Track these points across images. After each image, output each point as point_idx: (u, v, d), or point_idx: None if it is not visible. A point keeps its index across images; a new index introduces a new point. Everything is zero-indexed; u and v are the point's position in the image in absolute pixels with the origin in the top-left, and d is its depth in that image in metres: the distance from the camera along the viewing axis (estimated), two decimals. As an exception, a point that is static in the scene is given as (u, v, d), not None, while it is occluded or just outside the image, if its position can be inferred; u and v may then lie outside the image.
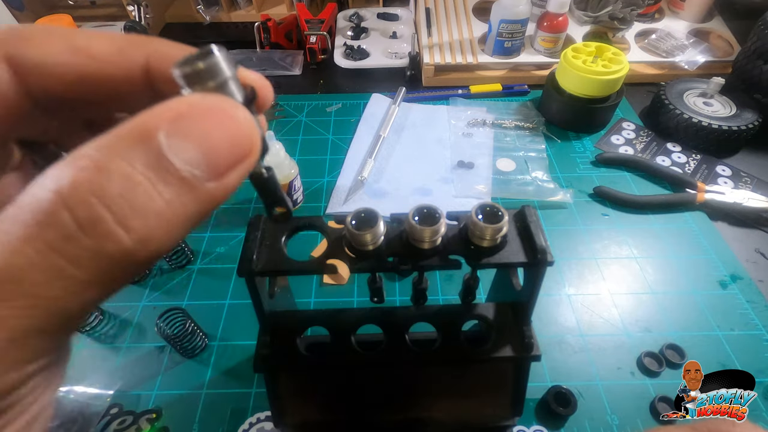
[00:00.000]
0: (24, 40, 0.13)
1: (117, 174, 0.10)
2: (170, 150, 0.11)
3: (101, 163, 0.10)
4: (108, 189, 0.10)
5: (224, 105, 0.12)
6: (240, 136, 0.12)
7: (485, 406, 0.33)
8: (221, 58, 0.13)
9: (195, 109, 0.11)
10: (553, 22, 0.69)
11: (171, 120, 0.11)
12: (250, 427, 0.37)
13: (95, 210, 0.10)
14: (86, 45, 0.13)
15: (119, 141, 0.10)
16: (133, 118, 0.11)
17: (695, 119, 0.59)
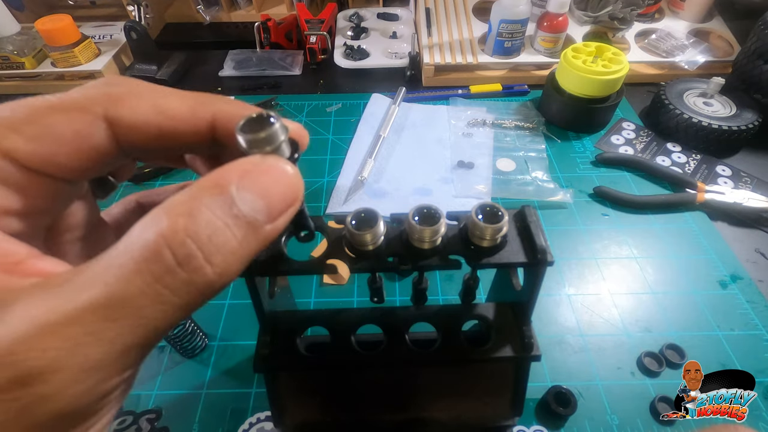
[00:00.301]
0: (119, 101, 0.16)
1: (204, 220, 0.13)
2: (240, 200, 0.14)
3: (192, 211, 0.13)
4: (198, 232, 0.13)
5: (278, 164, 0.15)
6: (290, 188, 0.15)
7: (485, 406, 0.33)
8: (278, 127, 0.16)
9: (257, 168, 0.14)
10: (553, 22, 0.69)
11: (239, 176, 0.14)
12: (250, 427, 0.37)
13: (190, 249, 0.13)
14: (166, 107, 0.16)
15: (203, 193, 0.13)
16: (211, 174, 0.14)
17: (695, 119, 0.59)
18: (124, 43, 0.77)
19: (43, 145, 0.15)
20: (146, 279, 0.12)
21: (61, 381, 0.12)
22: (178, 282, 0.13)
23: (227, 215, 0.13)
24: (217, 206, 0.13)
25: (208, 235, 0.13)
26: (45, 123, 0.15)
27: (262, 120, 0.15)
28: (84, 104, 0.15)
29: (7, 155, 0.14)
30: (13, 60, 0.72)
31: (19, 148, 0.14)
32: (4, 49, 0.72)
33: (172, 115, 0.16)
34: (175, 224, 0.13)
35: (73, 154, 0.15)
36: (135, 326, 0.12)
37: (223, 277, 0.14)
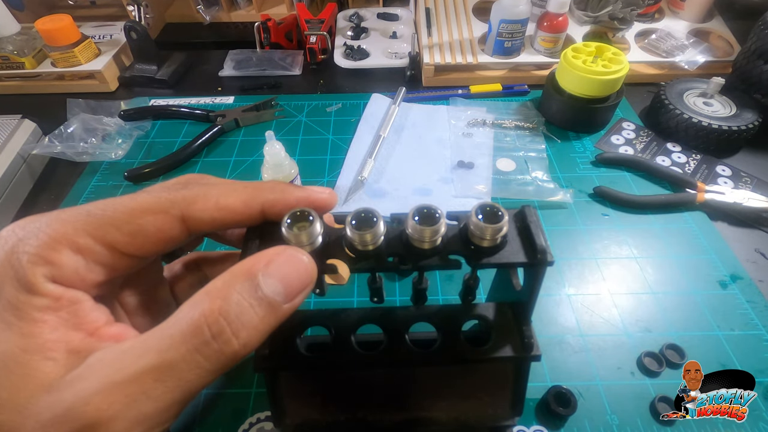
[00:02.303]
0: (192, 204, 0.20)
1: (234, 302, 0.17)
2: (264, 284, 0.18)
3: (225, 295, 0.17)
4: (229, 312, 0.17)
5: (296, 254, 0.19)
6: (305, 274, 0.19)
7: (485, 406, 0.33)
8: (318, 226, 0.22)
9: (279, 257, 0.19)
10: (553, 22, 0.69)
11: (265, 264, 0.18)
12: (250, 427, 0.37)
13: (222, 325, 0.16)
14: (225, 204, 0.21)
15: (236, 279, 0.17)
16: (244, 262, 0.18)
17: (695, 119, 0.59)
18: (124, 43, 0.77)
19: (135, 239, 0.19)
20: (188, 348, 0.16)
21: (120, 428, 0.15)
22: (211, 351, 0.16)
23: (253, 297, 0.17)
24: (245, 290, 0.17)
25: (237, 314, 0.17)
26: (138, 223, 0.19)
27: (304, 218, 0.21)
28: (167, 207, 0.20)
29: (109, 246, 0.19)
30: (13, 60, 0.72)
31: (118, 241, 0.19)
32: (4, 49, 0.72)
33: (230, 210, 0.21)
34: (212, 305, 0.16)
35: (155, 244, 0.20)
36: (177, 387, 0.16)
37: (246, 348, 0.17)
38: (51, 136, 0.62)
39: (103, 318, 0.19)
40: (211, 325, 0.16)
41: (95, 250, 0.18)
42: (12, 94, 0.75)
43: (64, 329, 0.17)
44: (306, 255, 0.19)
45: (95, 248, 0.18)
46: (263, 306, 0.17)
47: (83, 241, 0.18)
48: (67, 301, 0.18)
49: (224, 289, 0.17)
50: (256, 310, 0.17)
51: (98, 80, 0.74)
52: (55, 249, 0.18)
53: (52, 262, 0.17)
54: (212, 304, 0.16)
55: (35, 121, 0.64)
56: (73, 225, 0.18)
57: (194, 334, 0.16)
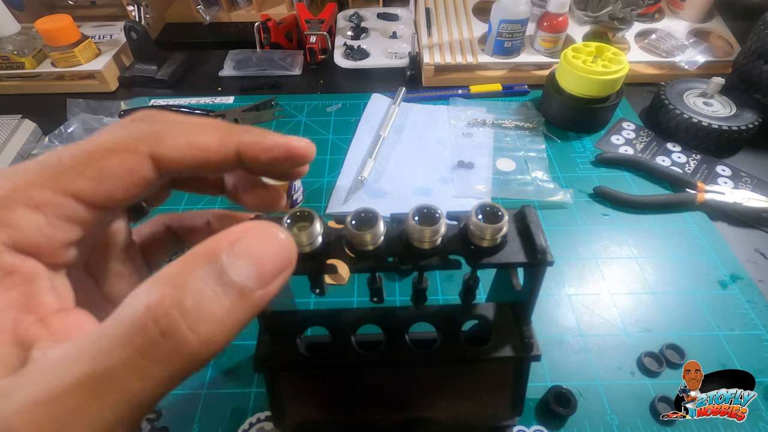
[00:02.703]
0: (160, 140, 0.18)
1: (192, 289, 0.13)
2: (230, 267, 0.14)
3: (180, 282, 0.13)
4: (184, 302, 0.13)
5: (269, 229, 0.15)
6: (282, 253, 0.15)
7: (485, 406, 0.33)
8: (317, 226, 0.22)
9: (248, 235, 0.15)
10: (553, 22, 0.69)
11: (230, 244, 0.14)
12: (250, 427, 0.37)
13: (174, 319, 0.12)
14: (198, 141, 0.19)
15: (194, 262, 0.14)
16: (204, 243, 0.14)
17: (695, 119, 0.59)
18: (124, 43, 0.77)
19: (102, 185, 0.16)
20: (128, 352, 0.12)
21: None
22: (160, 353, 0.12)
23: (216, 283, 0.13)
24: (206, 275, 0.13)
25: (194, 304, 0.13)
26: (103, 165, 0.16)
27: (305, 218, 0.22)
28: (133, 145, 0.17)
29: (75, 196, 0.16)
30: (13, 60, 0.72)
31: (84, 189, 0.16)
32: (4, 49, 0.72)
33: (204, 148, 0.19)
34: (162, 296, 0.13)
35: (125, 188, 0.17)
36: (117, 401, 0.12)
37: (209, 346, 0.13)
38: (51, 136, 0.62)
39: (55, 302, 0.15)
40: (158, 319, 0.12)
41: (57, 203, 0.16)
42: (12, 94, 0.75)
43: (14, 312, 0.14)
44: (282, 231, 0.15)
45: (57, 200, 0.16)
46: (230, 294, 0.14)
47: (40, 195, 0.15)
48: (21, 276, 0.15)
49: (179, 275, 0.13)
50: (221, 298, 0.13)
51: (98, 80, 0.74)
52: (9, 207, 0.15)
53: (8, 223, 0.15)
54: (160, 293, 0.13)
55: (35, 121, 0.64)
56: (24, 178, 0.15)
57: (137, 332, 0.12)
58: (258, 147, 0.20)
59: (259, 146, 0.20)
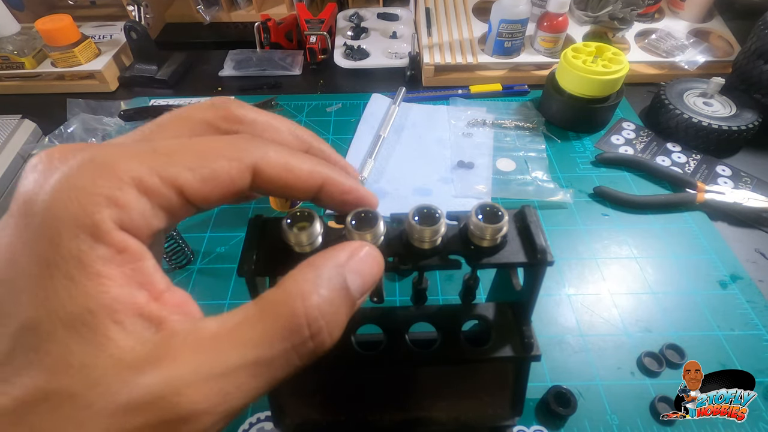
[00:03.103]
0: (264, 156, 0.18)
1: (328, 302, 0.16)
2: (350, 282, 0.17)
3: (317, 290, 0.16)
4: (326, 313, 0.16)
5: (373, 251, 0.19)
6: (378, 270, 0.19)
7: (485, 406, 0.33)
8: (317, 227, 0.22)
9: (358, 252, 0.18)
10: (553, 22, 0.69)
11: (349, 258, 0.18)
12: (250, 427, 0.37)
13: (320, 325, 0.16)
14: (293, 166, 0.19)
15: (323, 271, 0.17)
16: (330, 255, 0.18)
17: (695, 119, 0.59)
18: (124, 43, 0.77)
19: (207, 185, 0.17)
20: (287, 346, 0.15)
21: (207, 423, 0.14)
22: (306, 350, 0.16)
23: (342, 294, 0.17)
24: (334, 284, 0.17)
25: (332, 312, 0.16)
26: (213, 167, 0.17)
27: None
28: (241, 155, 0.18)
29: (178, 189, 0.16)
30: (13, 60, 0.72)
31: (190, 185, 0.16)
32: (4, 49, 0.72)
33: (297, 174, 0.20)
34: (310, 302, 0.16)
35: (222, 193, 0.18)
36: (268, 382, 0.15)
37: (333, 343, 0.17)
38: (51, 136, 0.62)
39: (164, 282, 0.16)
40: (311, 323, 0.16)
41: (163, 192, 0.16)
42: (12, 94, 0.75)
43: (130, 288, 0.15)
44: (379, 253, 0.19)
45: (163, 189, 0.16)
46: (348, 303, 0.17)
47: (151, 181, 0.15)
48: (131, 255, 0.15)
49: (315, 281, 0.16)
50: (344, 308, 0.17)
51: (98, 80, 0.74)
52: (121, 188, 0.15)
53: (120, 203, 0.15)
54: (310, 301, 0.16)
55: (35, 121, 0.64)
56: (140, 160, 0.15)
57: (295, 331, 0.15)
58: (338, 187, 0.21)
59: (339, 187, 0.21)
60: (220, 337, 0.15)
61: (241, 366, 0.15)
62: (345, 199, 0.21)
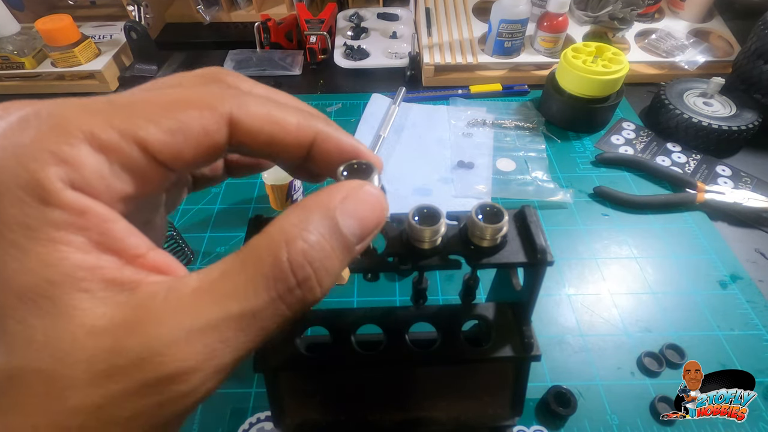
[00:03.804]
0: (242, 104, 0.16)
1: (317, 246, 0.14)
2: (343, 224, 0.15)
3: (304, 235, 0.14)
4: (314, 258, 0.14)
5: (373, 191, 0.17)
6: (380, 213, 0.17)
7: (485, 406, 0.33)
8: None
9: (356, 193, 0.16)
10: (553, 22, 0.69)
11: (342, 200, 0.15)
12: (250, 427, 0.37)
13: (308, 272, 0.14)
14: (278, 118, 0.17)
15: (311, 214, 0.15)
16: (319, 197, 0.16)
17: (695, 119, 0.59)
18: (124, 43, 0.77)
19: (174, 139, 0.15)
20: (272, 296, 0.14)
21: (196, 381, 0.13)
22: (294, 299, 0.14)
23: (333, 239, 0.15)
24: (324, 229, 0.15)
25: (321, 259, 0.15)
26: (180, 117, 0.15)
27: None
28: (214, 103, 0.16)
29: (141, 144, 0.14)
30: (13, 60, 0.72)
31: (154, 139, 0.14)
32: (4, 49, 0.72)
33: (283, 126, 0.17)
34: (296, 247, 0.14)
35: (195, 149, 0.15)
36: (257, 335, 0.14)
37: (324, 295, 0.15)
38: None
39: (143, 244, 0.15)
40: (296, 270, 0.14)
41: (123, 150, 0.14)
42: (12, 94, 0.75)
43: (97, 254, 0.13)
44: (382, 194, 0.17)
45: (123, 146, 0.14)
46: (341, 248, 0.15)
47: (107, 136, 0.13)
48: (94, 217, 0.13)
49: (301, 225, 0.14)
50: (337, 253, 0.15)
51: (98, 80, 0.74)
52: (70, 143, 0.13)
53: (68, 160, 0.13)
54: (296, 246, 0.14)
55: (35, 121, 0.64)
56: (89, 112, 0.14)
57: (280, 280, 0.14)
58: (334, 143, 0.18)
59: (335, 143, 0.18)
60: (201, 292, 0.14)
61: (225, 319, 0.13)
62: (343, 159, 0.19)
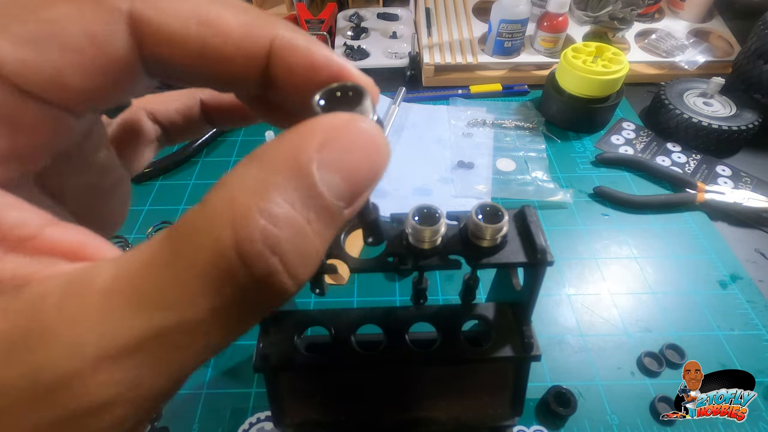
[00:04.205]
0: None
1: (285, 222, 0.10)
2: (323, 184, 0.10)
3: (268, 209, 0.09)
4: (281, 240, 0.09)
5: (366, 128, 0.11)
6: (379, 162, 0.11)
7: (485, 406, 0.33)
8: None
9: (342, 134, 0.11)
10: (553, 22, 0.69)
11: (319, 148, 0.10)
12: (250, 427, 0.37)
13: (271, 264, 0.09)
14: (216, 17, 0.12)
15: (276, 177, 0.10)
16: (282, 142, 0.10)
17: (695, 119, 0.59)
18: (124, 43, 0.77)
19: (42, 54, 0.10)
20: (215, 303, 0.09)
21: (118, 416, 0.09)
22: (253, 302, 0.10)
23: (309, 207, 0.10)
24: (296, 197, 0.10)
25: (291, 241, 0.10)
26: (45, 18, 0.10)
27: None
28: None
29: None
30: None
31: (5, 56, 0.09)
32: (4, 49, 0.71)
33: (221, 30, 0.12)
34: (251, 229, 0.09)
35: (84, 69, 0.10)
36: (200, 351, 0.10)
37: (300, 287, 0.11)
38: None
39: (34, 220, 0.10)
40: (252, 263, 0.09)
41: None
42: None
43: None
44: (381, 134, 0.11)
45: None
46: (324, 219, 0.10)
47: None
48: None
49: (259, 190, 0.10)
50: (316, 227, 0.10)
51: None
52: None
53: None
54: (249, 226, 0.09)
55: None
56: None
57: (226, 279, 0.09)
58: (302, 56, 0.13)
59: (304, 55, 0.13)
60: (114, 293, 0.09)
61: (155, 335, 0.09)
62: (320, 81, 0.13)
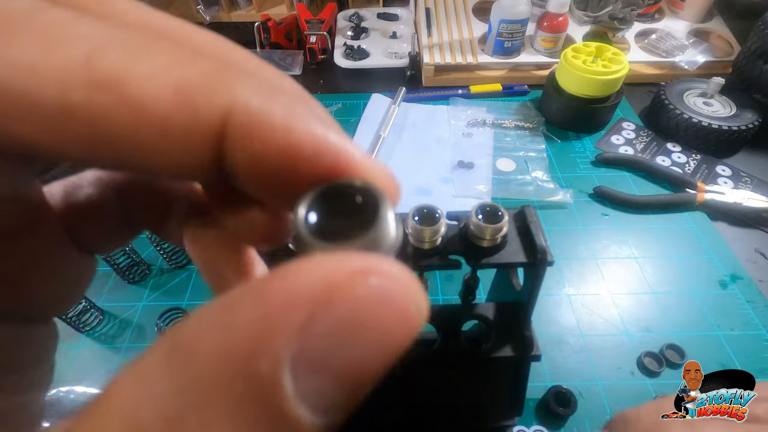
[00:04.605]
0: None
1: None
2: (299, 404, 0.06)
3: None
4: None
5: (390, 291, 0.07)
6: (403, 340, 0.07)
7: (485, 406, 0.33)
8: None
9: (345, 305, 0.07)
10: (553, 22, 0.69)
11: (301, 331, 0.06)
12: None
13: None
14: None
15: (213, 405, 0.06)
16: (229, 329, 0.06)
17: (695, 119, 0.59)
18: (124, 43, 0.77)
19: None
20: None
21: None
22: None
23: None
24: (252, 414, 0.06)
25: None
26: None
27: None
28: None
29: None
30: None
31: None
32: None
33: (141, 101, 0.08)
34: None
35: None
36: None
37: None
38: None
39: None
40: None
41: None
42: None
43: None
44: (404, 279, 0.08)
45: None
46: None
47: None
48: None
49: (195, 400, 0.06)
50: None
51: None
52: None
53: None
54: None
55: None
56: None
57: None
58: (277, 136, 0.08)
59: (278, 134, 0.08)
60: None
61: None
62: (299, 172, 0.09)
